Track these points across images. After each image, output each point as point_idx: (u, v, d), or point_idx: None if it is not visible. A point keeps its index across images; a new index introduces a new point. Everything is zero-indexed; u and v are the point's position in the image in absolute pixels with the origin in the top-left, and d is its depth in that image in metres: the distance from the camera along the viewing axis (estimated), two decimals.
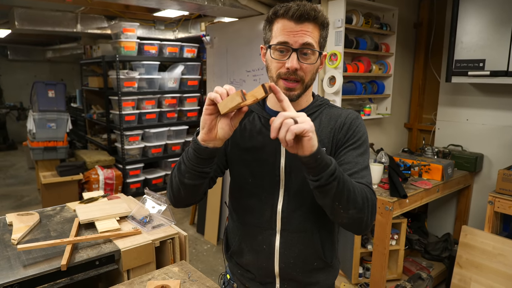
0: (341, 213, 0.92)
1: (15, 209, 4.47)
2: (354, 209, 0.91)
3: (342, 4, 2.39)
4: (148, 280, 1.22)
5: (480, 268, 2.31)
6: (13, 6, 3.99)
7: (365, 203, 0.93)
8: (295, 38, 0.96)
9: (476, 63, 2.43)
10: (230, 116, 0.91)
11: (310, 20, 0.97)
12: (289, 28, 0.97)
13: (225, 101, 0.86)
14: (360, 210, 0.92)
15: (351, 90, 2.69)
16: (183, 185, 0.99)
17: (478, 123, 2.91)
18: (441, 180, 2.57)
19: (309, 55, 0.99)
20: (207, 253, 3.41)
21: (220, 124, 0.91)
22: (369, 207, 0.94)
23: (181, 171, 0.98)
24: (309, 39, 0.97)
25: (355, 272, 2.57)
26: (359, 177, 0.99)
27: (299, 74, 0.99)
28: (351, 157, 1.02)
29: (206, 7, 2.61)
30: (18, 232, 1.42)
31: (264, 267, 1.12)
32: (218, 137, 0.91)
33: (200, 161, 0.94)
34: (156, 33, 4.99)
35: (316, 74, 1.05)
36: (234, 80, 3.26)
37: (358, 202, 0.91)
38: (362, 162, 1.02)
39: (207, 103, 0.89)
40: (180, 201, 1.06)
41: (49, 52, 7.74)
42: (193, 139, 0.95)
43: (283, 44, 0.97)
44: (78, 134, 6.04)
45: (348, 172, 1.00)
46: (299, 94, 1.02)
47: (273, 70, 1.01)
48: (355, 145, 1.03)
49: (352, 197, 0.90)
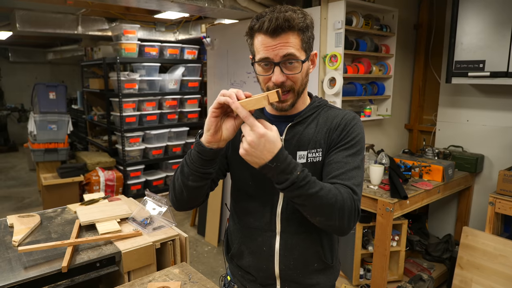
0: (309, 217, 0.96)
1: (15, 210, 4.48)
2: (322, 217, 0.93)
3: (342, 5, 2.39)
4: (148, 282, 1.22)
5: (481, 269, 2.30)
6: (14, 8, 4.00)
7: (335, 211, 0.91)
8: (274, 52, 0.95)
9: (476, 64, 2.43)
10: (234, 117, 0.93)
11: (286, 30, 0.94)
12: (267, 43, 0.96)
13: (246, 102, 0.88)
14: (328, 219, 0.92)
15: (351, 91, 2.69)
16: (187, 187, 1.00)
17: (479, 124, 2.91)
18: (441, 181, 2.57)
19: (293, 64, 0.98)
20: (207, 255, 3.41)
21: (225, 125, 0.93)
22: (342, 215, 0.92)
23: (184, 174, 0.99)
24: (289, 49, 0.95)
25: (356, 273, 2.57)
26: (346, 178, 0.98)
27: (287, 85, 0.99)
28: (341, 157, 1.01)
29: (206, 9, 2.62)
30: (19, 234, 1.42)
31: (264, 269, 1.13)
32: (223, 138, 0.93)
33: (203, 163, 0.95)
34: (157, 35, 5.00)
35: (307, 77, 1.04)
36: (234, 81, 3.27)
37: (325, 212, 0.91)
38: (352, 162, 1.01)
39: (215, 106, 0.90)
40: (182, 204, 1.07)
41: (50, 54, 7.76)
42: (196, 142, 0.96)
43: (265, 60, 0.97)
44: (79, 136, 6.05)
45: (335, 172, 0.99)
46: (293, 102, 1.03)
47: (262, 84, 1.03)
48: (347, 145, 1.02)
49: (318, 207, 0.91)
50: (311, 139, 1.05)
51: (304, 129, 1.07)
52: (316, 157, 1.05)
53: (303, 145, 1.05)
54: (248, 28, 1.01)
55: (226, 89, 0.92)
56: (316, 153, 1.05)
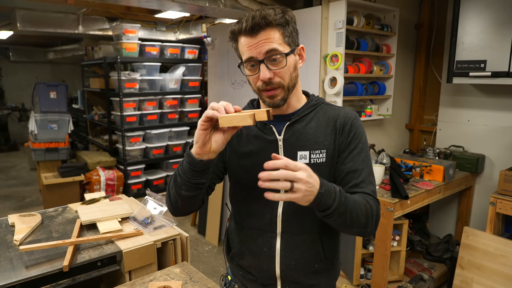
0: (345, 231, 0.99)
1: (16, 210, 4.48)
2: (358, 228, 0.96)
3: (343, 5, 2.39)
4: (149, 281, 1.22)
5: (482, 270, 2.30)
6: (15, 8, 4.00)
7: (369, 219, 0.97)
8: (257, 50, 0.96)
9: (477, 64, 2.43)
10: (224, 130, 0.93)
11: (264, 27, 0.95)
12: (249, 43, 0.97)
13: (231, 117, 0.86)
14: (364, 227, 0.97)
15: (352, 91, 2.69)
16: (180, 197, 1.01)
17: (480, 124, 2.91)
18: (442, 181, 2.57)
19: (278, 59, 0.98)
20: (208, 254, 3.41)
21: (214, 137, 0.93)
22: (372, 221, 0.98)
23: (177, 183, 1.00)
24: (271, 45, 0.96)
25: (357, 273, 2.57)
26: (365, 186, 1.02)
27: (275, 82, 0.99)
28: (357, 164, 1.03)
29: (207, 9, 2.62)
30: (20, 233, 1.43)
31: (265, 270, 1.13)
32: (212, 150, 0.93)
33: (195, 174, 0.96)
34: (158, 34, 5.00)
35: (296, 71, 1.03)
36: (235, 81, 3.27)
37: (361, 222, 0.95)
38: (367, 167, 1.04)
39: (203, 119, 0.90)
40: (179, 211, 1.08)
41: (51, 53, 7.76)
42: (186, 153, 0.96)
43: (250, 60, 0.98)
44: (79, 135, 6.05)
45: (355, 181, 1.02)
46: (284, 97, 1.02)
47: (253, 85, 1.04)
48: (358, 149, 1.04)
49: (355, 220, 0.94)
50: (312, 139, 1.05)
51: (303, 128, 1.06)
52: (319, 158, 1.04)
53: (304, 144, 1.05)
54: (230, 33, 1.02)
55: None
56: (320, 154, 1.04)
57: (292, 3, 2.76)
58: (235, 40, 1.03)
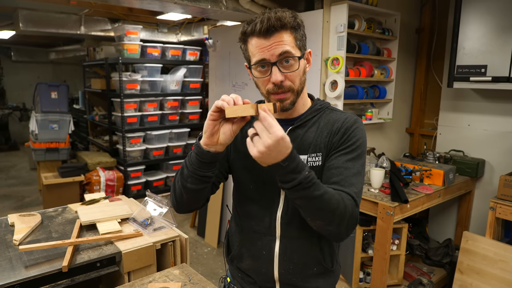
0: (308, 220, 0.95)
1: (16, 209, 4.48)
2: (322, 221, 0.93)
3: (345, 9, 2.40)
4: (149, 282, 1.22)
5: (481, 274, 2.30)
6: (17, 8, 4.01)
7: (341, 219, 0.91)
8: (270, 52, 0.96)
9: (478, 68, 2.44)
10: (232, 122, 0.93)
11: (279, 29, 0.95)
12: (261, 44, 0.96)
13: (236, 108, 0.88)
14: (328, 223, 0.92)
15: (353, 94, 2.69)
16: (186, 190, 1.00)
17: (480, 129, 2.91)
18: (442, 185, 2.57)
19: (290, 62, 0.98)
20: (207, 256, 3.41)
21: (222, 129, 0.93)
22: (344, 221, 0.92)
23: (183, 175, 1.00)
24: (285, 47, 0.95)
25: (356, 277, 2.56)
26: (346, 185, 0.97)
27: (286, 85, 0.99)
28: (341, 162, 1.00)
29: (209, 11, 2.62)
30: (20, 233, 1.43)
31: (263, 273, 1.13)
32: (220, 142, 0.93)
33: (202, 165, 0.96)
34: (159, 35, 5.01)
35: (304, 76, 1.04)
36: (236, 83, 3.27)
37: (328, 217, 0.91)
38: (352, 167, 1.00)
39: (213, 109, 0.91)
40: (182, 207, 1.07)
41: (53, 53, 7.77)
42: (195, 143, 0.97)
43: (261, 62, 0.97)
44: (80, 136, 6.06)
45: (335, 178, 0.98)
46: (293, 101, 1.02)
47: (262, 88, 1.02)
48: (348, 150, 1.01)
49: (319, 210, 0.90)
50: (311, 143, 1.05)
51: (304, 132, 1.06)
52: (316, 161, 1.04)
53: (303, 149, 1.05)
54: (240, 34, 1.01)
55: (227, 91, 0.92)
56: (316, 157, 1.04)
57: (293, 6, 2.77)
58: (244, 42, 1.01)
